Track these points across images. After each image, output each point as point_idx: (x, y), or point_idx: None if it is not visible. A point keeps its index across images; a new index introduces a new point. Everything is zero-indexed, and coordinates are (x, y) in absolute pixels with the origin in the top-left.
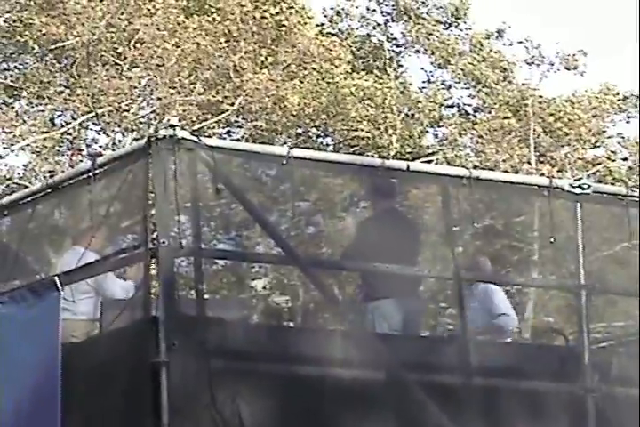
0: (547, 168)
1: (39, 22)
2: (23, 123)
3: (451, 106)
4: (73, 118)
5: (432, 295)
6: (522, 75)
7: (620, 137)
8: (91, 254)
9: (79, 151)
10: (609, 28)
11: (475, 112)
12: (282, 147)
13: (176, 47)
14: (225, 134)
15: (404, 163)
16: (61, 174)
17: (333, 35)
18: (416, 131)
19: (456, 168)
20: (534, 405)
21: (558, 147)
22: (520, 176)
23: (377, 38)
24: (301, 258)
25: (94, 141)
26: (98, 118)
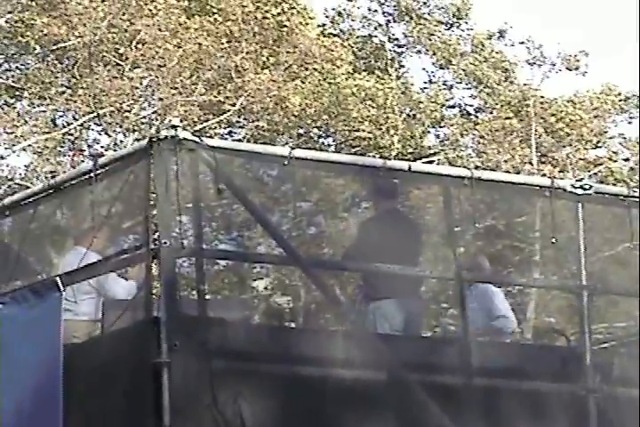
0: (548, 169)
1: (41, 23)
2: (25, 123)
3: (452, 106)
4: (74, 119)
5: (433, 296)
6: (523, 75)
7: (622, 137)
8: (92, 255)
9: (81, 152)
10: (610, 29)
11: (476, 112)
12: (283, 147)
13: (177, 48)
14: (226, 135)
15: (406, 163)
16: (63, 175)
17: (335, 35)
18: (417, 131)
19: (458, 168)
20: (536, 405)
21: (560, 147)
22: (521, 177)
23: (378, 39)
24: (303, 258)
25: (96, 142)
26: (99, 119)
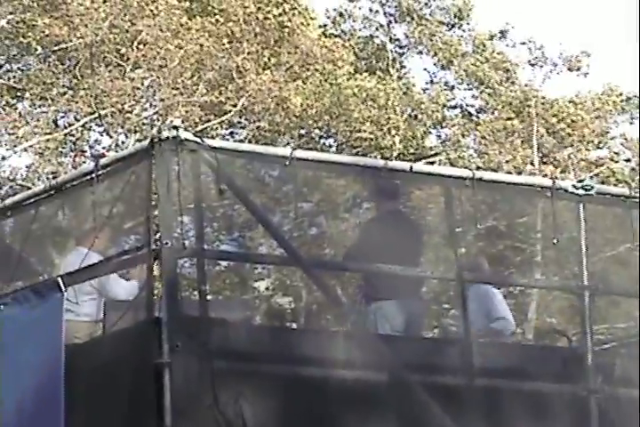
0: (550, 169)
1: (42, 24)
2: (26, 124)
3: (454, 107)
4: (76, 119)
5: (435, 296)
6: (525, 76)
7: (624, 138)
8: (94, 255)
9: (82, 152)
10: (612, 29)
11: (478, 113)
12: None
13: (179, 48)
14: (228, 135)
15: (407, 164)
16: (64, 175)
17: (336, 36)
18: (419, 132)
19: (459, 169)
20: (537, 406)
21: (561, 148)
22: (523, 177)
23: (380, 39)
24: (304, 259)
25: (97, 143)
26: (101, 119)
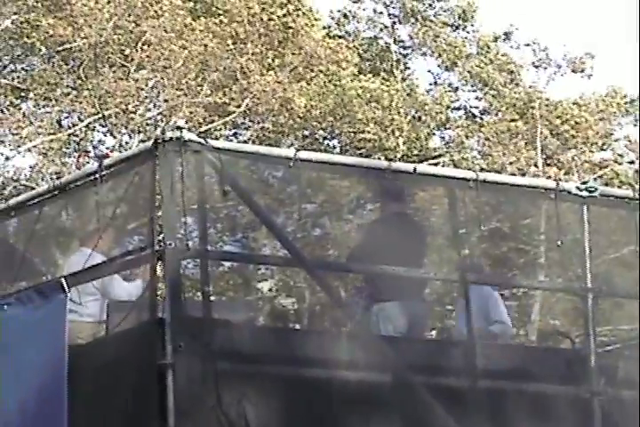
0: (553, 171)
1: (46, 24)
2: (30, 124)
3: (457, 108)
4: (80, 120)
5: (438, 298)
6: (529, 77)
7: (627, 140)
8: (97, 256)
9: (86, 153)
10: (616, 31)
11: (481, 114)
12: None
13: (183, 49)
14: (232, 136)
15: (411, 165)
16: (68, 176)
17: (340, 37)
18: (423, 133)
19: (463, 171)
20: (540, 408)
21: (565, 149)
22: (527, 179)
23: (384, 40)
24: (307, 260)
25: (101, 143)
26: (105, 120)
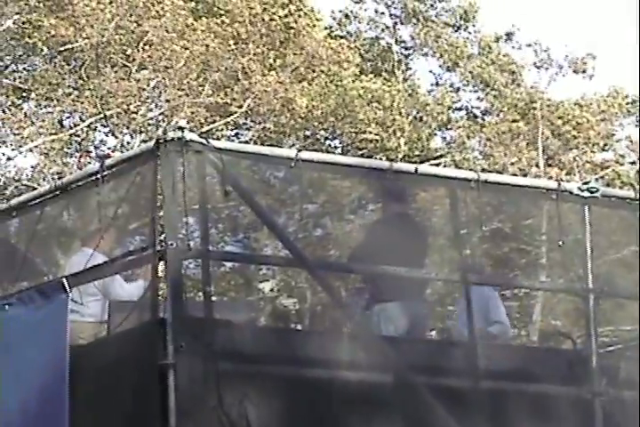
0: (555, 171)
1: (48, 24)
2: (32, 124)
3: (459, 109)
4: (81, 120)
5: (439, 298)
6: (530, 78)
7: (629, 140)
8: (99, 256)
9: (87, 153)
10: (617, 31)
11: (483, 115)
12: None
13: (185, 49)
14: (233, 136)
15: (413, 165)
16: (70, 176)
17: (342, 37)
18: (424, 133)
19: (464, 171)
20: (542, 408)
21: (567, 150)
22: (528, 179)
23: (385, 41)
24: (309, 260)
25: (102, 143)
26: (106, 120)
